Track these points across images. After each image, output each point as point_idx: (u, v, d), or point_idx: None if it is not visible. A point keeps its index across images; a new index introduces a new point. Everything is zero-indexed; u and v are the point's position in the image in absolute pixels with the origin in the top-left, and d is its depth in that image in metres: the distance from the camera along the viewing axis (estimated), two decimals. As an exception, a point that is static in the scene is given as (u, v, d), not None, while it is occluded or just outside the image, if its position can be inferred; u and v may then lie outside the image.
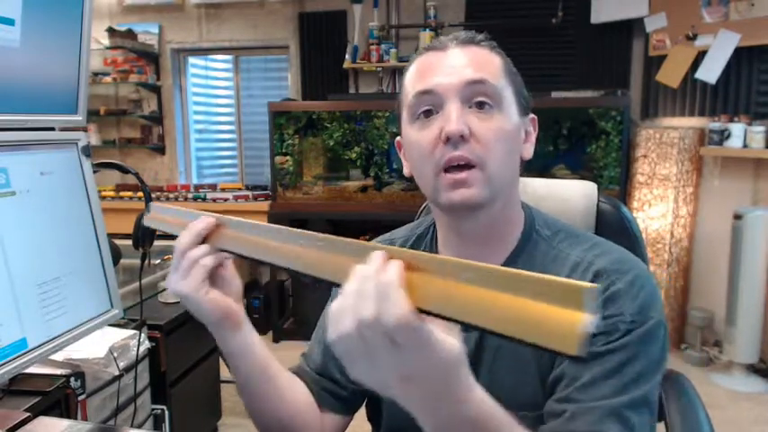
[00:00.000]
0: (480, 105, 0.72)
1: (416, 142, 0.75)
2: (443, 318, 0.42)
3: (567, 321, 0.35)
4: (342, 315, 0.47)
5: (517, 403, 0.63)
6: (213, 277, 0.71)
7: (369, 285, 0.45)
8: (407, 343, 0.44)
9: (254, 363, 0.76)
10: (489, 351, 0.75)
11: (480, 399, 0.53)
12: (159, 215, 0.82)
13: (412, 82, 0.77)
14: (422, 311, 0.43)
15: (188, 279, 0.68)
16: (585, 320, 0.35)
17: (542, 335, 0.36)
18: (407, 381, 0.47)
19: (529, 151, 0.80)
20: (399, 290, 0.44)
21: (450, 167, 0.71)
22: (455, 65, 0.74)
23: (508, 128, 0.74)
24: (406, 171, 0.82)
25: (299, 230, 0.57)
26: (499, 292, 0.39)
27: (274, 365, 0.79)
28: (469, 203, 0.72)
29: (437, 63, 0.75)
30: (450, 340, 0.46)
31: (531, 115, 0.81)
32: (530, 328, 0.37)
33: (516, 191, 0.80)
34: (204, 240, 0.70)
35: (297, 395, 0.83)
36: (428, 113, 0.74)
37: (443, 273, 0.43)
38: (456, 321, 0.41)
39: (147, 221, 0.84)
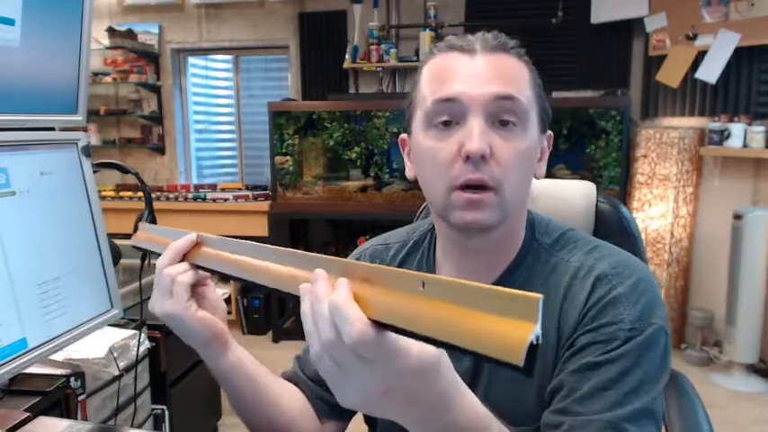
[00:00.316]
0: (504, 123, 0.68)
1: (431, 152, 0.70)
2: (399, 331, 0.41)
3: (512, 332, 0.35)
4: (309, 339, 0.46)
5: (515, 416, 0.62)
6: (197, 298, 0.70)
7: (322, 307, 0.45)
8: (376, 357, 0.43)
9: (245, 378, 0.75)
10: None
11: (470, 401, 0.52)
12: (145, 234, 0.83)
13: (431, 83, 0.71)
14: (381, 324, 0.43)
15: (173, 299, 0.67)
16: (530, 331, 0.34)
17: (489, 346, 0.36)
18: (390, 394, 0.46)
19: (542, 170, 0.77)
20: (352, 307, 0.43)
21: (465, 186, 0.68)
22: (482, 74, 0.68)
23: (528, 148, 0.70)
24: (409, 174, 0.78)
25: (274, 247, 0.57)
26: (448, 304, 0.39)
27: (266, 377, 0.78)
28: (481, 225, 0.70)
29: (462, 68, 0.69)
30: (418, 343, 0.44)
31: (549, 132, 0.78)
32: (477, 339, 0.36)
33: (525, 208, 0.77)
34: (184, 259, 0.69)
35: (292, 403, 0.82)
36: (447, 123, 0.69)
37: (396, 285, 0.42)
38: (410, 334, 0.40)
39: (134, 241, 0.84)
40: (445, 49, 0.73)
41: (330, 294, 0.45)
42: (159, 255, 0.71)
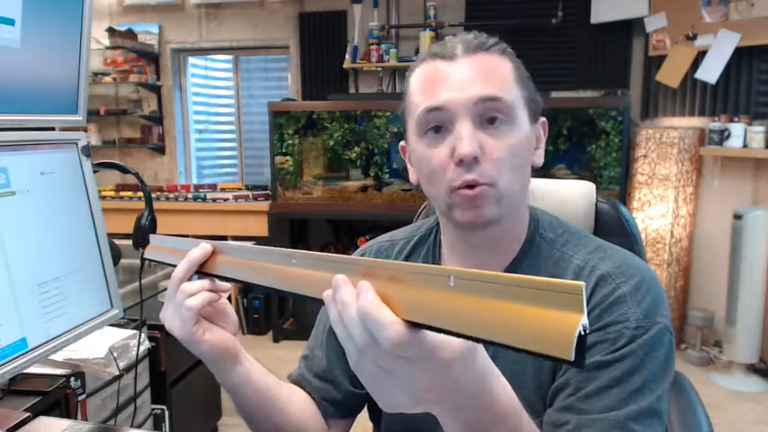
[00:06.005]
0: (492, 120, 0.71)
1: (426, 159, 0.73)
2: (434, 329, 0.40)
3: (557, 324, 0.33)
4: (345, 345, 0.45)
5: None
6: (210, 312, 0.70)
7: (350, 313, 0.43)
8: (417, 355, 0.42)
9: (255, 389, 0.75)
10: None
11: (504, 385, 0.51)
12: (158, 245, 0.81)
13: (419, 93, 0.74)
14: (415, 323, 0.41)
15: (180, 322, 0.66)
16: (576, 322, 0.33)
17: (534, 341, 0.34)
18: (436, 388, 0.45)
19: (540, 157, 0.78)
20: (383, 311, 0.42)
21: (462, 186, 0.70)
22: (464, 78, 0.71)
23: (520, 141, 0.72)
24: (412, 178, 0.80)
25: (293, 251, 0.54)
26: (482, 298, 0.37)
27: (274, 385, 0.78)
28: (481, 222, 0.72)
29: (445, 75, 0.72)
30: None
31: (542, 119, 0.79)
32: (520, 334, 0.34)
33: (525, 199, 0.79)
34: (201, 268, 0.68)
35: (300, 409, 0.82)
36: (437, 129, 0.72)
37: (423, 282, 0.41)
38: (446, 332, 0.39)
39: (147, 253, 0.83)
40: (429, 58, 0.75)
41: (355, 298, 0.43)
42: (173, 266, 0.69)
